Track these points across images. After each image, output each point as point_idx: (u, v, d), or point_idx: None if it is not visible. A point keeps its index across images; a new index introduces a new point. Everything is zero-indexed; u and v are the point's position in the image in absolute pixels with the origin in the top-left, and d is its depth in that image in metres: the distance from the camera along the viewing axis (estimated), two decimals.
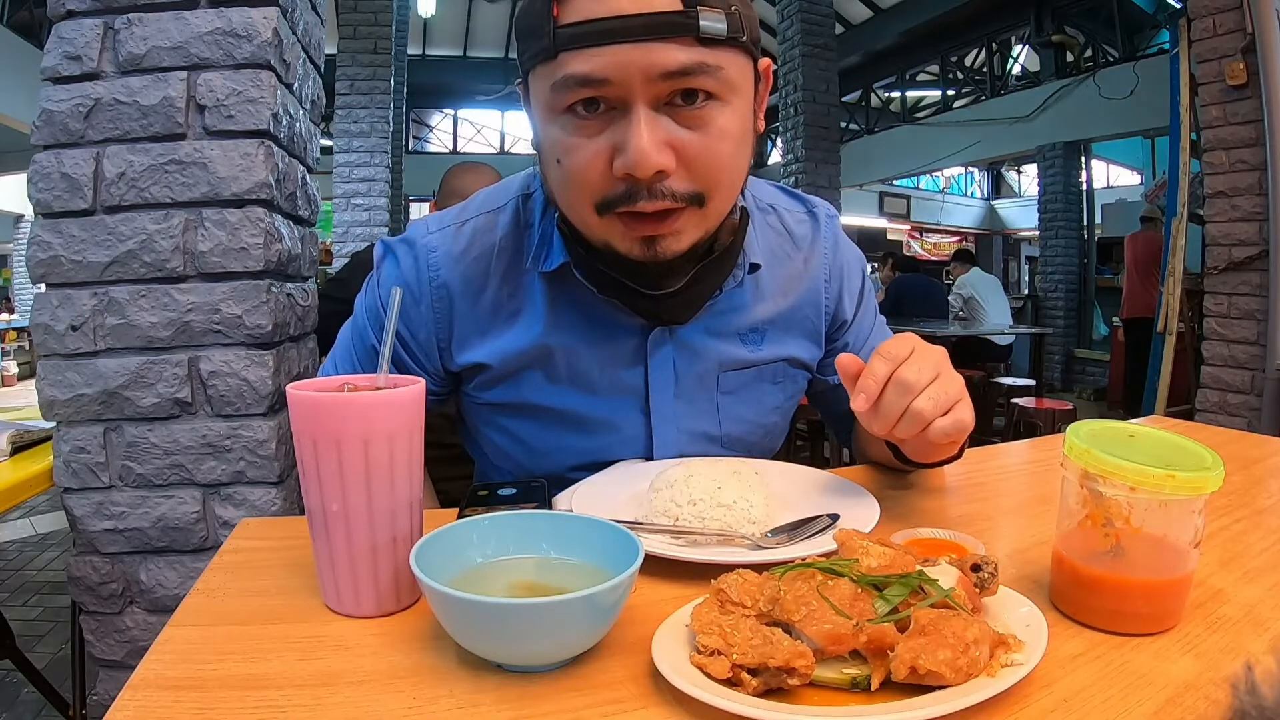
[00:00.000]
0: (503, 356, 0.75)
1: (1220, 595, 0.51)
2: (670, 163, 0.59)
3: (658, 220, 0.61)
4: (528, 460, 0.80)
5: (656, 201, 0.60)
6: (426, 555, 0.45)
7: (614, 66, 0.56)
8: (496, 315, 0.75)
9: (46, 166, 1.09)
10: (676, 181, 0.60)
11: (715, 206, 0.64)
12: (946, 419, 0.57)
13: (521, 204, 0.76)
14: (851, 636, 0.40)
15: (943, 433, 0.57)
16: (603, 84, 0.57)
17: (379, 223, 5.25)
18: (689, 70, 0.57)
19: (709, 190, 0.62)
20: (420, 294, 0.75)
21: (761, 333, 0.79)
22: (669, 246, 0.63)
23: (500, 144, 12.94)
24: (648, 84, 0.57)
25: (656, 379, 0.76)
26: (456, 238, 0.75)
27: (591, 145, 0.60)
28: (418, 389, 0.52)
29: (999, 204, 12.96)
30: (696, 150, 0.59)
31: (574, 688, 0.41)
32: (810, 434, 3.58)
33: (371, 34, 5.29)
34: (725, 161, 0.62)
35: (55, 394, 1.11)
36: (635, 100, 0.57)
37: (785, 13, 5.42)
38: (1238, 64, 2.54)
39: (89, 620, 1.17)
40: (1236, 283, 2.66)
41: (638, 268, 0.65)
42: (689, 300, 0.71)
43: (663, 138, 0.58)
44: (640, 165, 0.57)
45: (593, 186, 0.61)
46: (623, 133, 0.58)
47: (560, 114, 0.60)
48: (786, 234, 0.82)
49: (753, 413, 0.82)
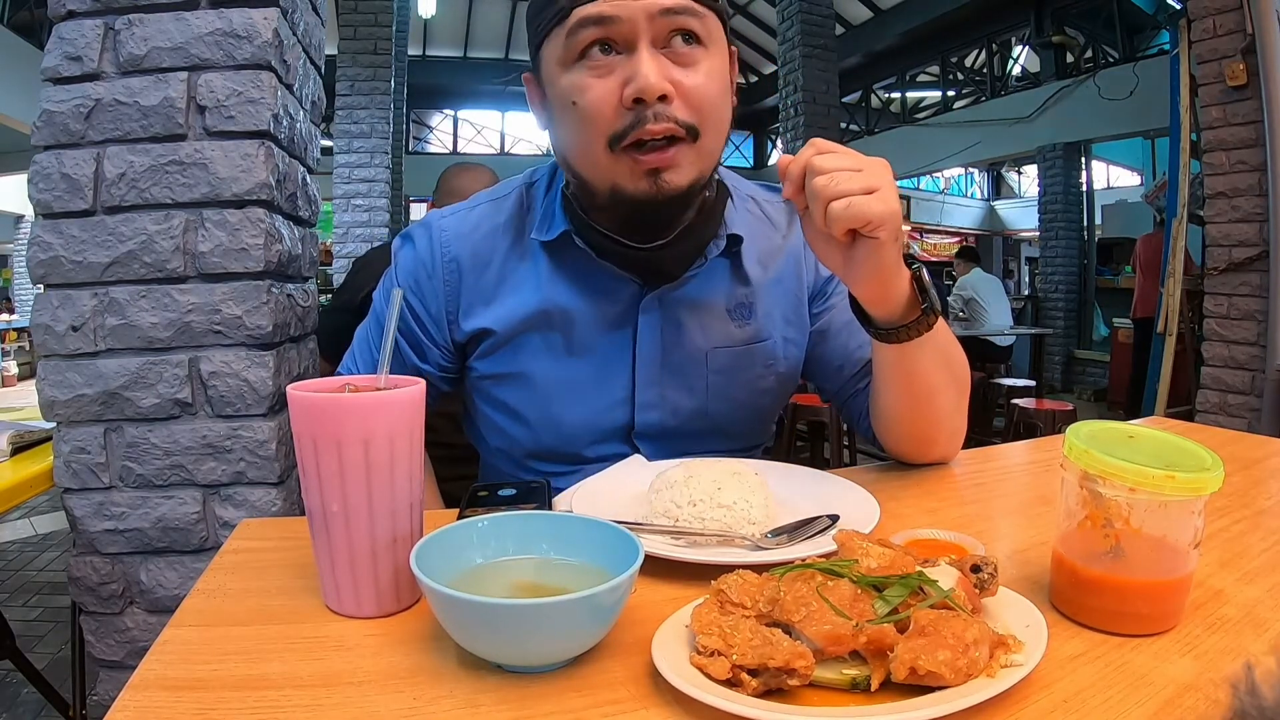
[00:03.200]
0: (505, 321, 0.81)
1: (1220, 596, 0.51)
2: (671, 89, 0.68)
3: (661, 151, 0.69)
4: (524, 436, 0.84)
5: (661, 124, 0.68)
6: (426, 556, 0.45)
7: (620, 6, 0.66)
8: (501, 286, 0.82)
9: (47, 167, 1.09)
10: (677, 109, 0.69)
11: (706, 144, 0.72)
12: (841, 202, 0.60)
13: (525, 191, 0.85)
14: (851, 637, 0.40)
15: (834, 219, 0.61)
16: (612, 22, 0.67)
17: (379, 223, 5.24)
18: (680, 10, 0.67)
19: (702, 124, 0.70)
20: (434, 269, 0.83)
21: (748, 307, 0.84)
22: (671, 180, 0.70)
23: (500, 144, 12.94)
24: (649, 20, 0.67)
25: (644, 339, 0.81)
26: (466, 219, 0.84)
27: (603, 83, 0.68)
28: (418, 390, 0.52)
29: (999, 205, 12.96)
30: (691, 85, 0.69)
31: (574, 688, 0.41)
32: (810, 434, 3.58)
33: (372, 35, 5.29)
34: (715, 99, 0.71)
35: (55, 394, 1.11)
36: (639, 37, 0.67)
37: (785, 13, 5.42)
38: (1238, 65, 2.54)
39: (89, 620, 1.17)
40: (1236, 283, 2.66)
41: (638, 211, 0.72)
42: (678, 255, 0.78)
43: (664, 70, 0.68)
44: (647, 89, 0.66)
45: (606, 119, 0.69)
46: (631, 67, 0.67)
47: (573, 64, 0.70)
48: (766, 219, 0.88)
49: (742, 394, 0.85)
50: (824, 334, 0.88)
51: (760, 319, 0.84)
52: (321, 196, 1.39)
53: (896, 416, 0.79)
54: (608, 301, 0.81)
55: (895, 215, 0.62)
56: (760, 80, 11.86)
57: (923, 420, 0.78)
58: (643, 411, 0.82)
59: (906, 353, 0.71)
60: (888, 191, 0.62)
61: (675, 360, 0.82)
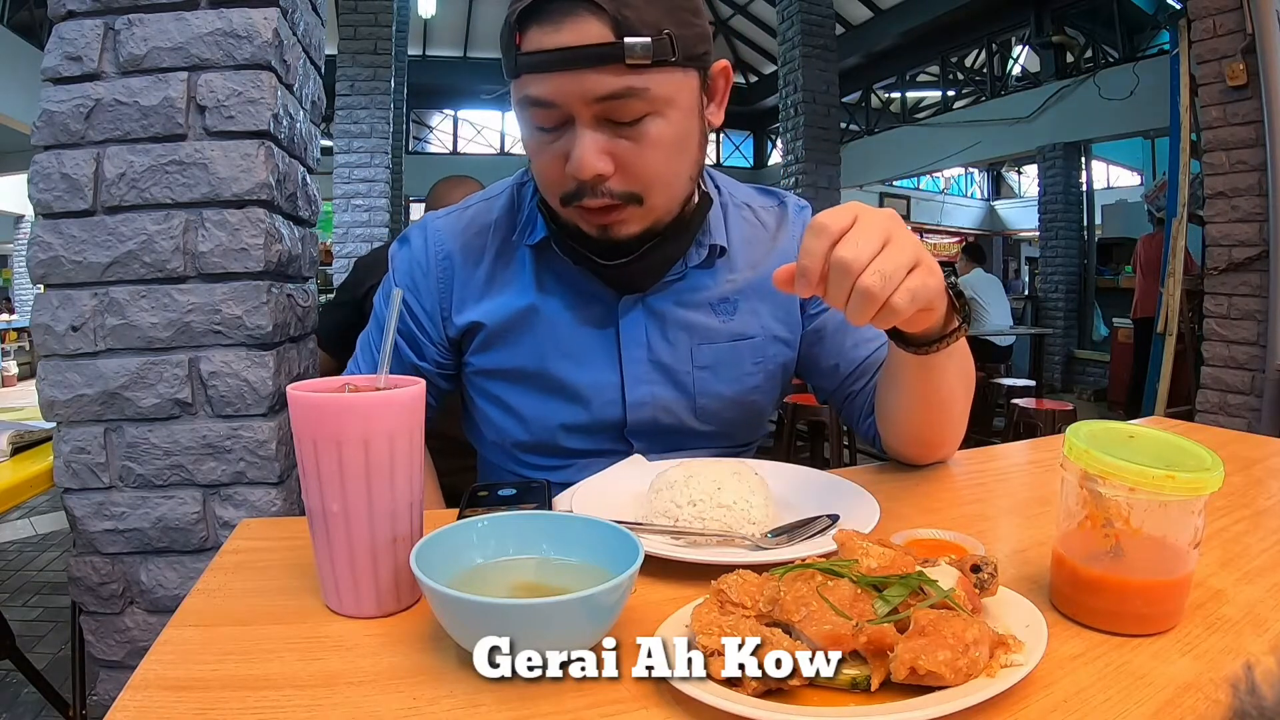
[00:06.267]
0: (495, 316, 0.83)
1: (1220, 596, 0.51)
2: (608, 168, 0.69)
3: (604, 213, 0.72)
4: (520, 431, 0.86)
5: (599, 199, 0.71)
6: (426, 556, 0.45)
7: (558, 92, 0.67)
8: (491, 282, 0.84)
9: (47, 167, 1.09)
10: (615, 183, 0.70)
11: (654, 203, 0.73)
12: (901, 294, 0.54)
13: (516, 191, 0.87)
14: (851, 637, 0.40)
15: (897, 313, 0.54)
16: (551, 105, 0.68)
17: (379, 223, 5.24)
18: (617, 94, 0.66)
19: (645, 191, 0.72)
20: (428, 267, 0.85)
21: (733, 302, 0.85)
22: (619, 231, 0.74)
23: (500, 144, 12.93)
24: (585, 105, 0.67)
25: (628, 339, 0.83)
26: (460, 218, 0.87)
27: (549, 150, 0.71)
28: (418, 390, 0.52)
29: (999, 205, 12.95)
30: (631, 158, 0.70)
31: (574, 688, 0.41)
32: (810, 434, 3.58)
33: (372, 35, 5.28)
34: (659, 167, 0.71)
35: (55, 394, 1.11)
36: (578, 118, 0.68)
37: (785, 14, 5.41)
38: (1238, 65, 2.54)
39: (89, 620, 1.17)
40: (1236, 283, 2.66)
41: (596, 244, 0.76)
42: (645, 270, 0.80)
43: (602, 147, 0.69)
44: (580, 170, 0.68)
45: (555, 183, 0.73)
46: (570, 143, 0.69)
47: (527, 124, 0.72)
48: (759, 224, 0.89)
49: (730, 390, 0.85)
50: (819, 334, 0.88)
51: (745, 315, 0.85)
52: (321, 196, 1.39)
53: (909, 420, 0.78)
54: (590, 304, 0.83)
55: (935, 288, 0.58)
56: (760, 80, 11.85)
57: (937, 424, 0.79)
58: (634, 410, 0.83)
59: (932, 361, 0.71)
60: (919, 251, 0.56)
61: (661, 355, 0.83)
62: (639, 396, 0.83)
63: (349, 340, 0.93)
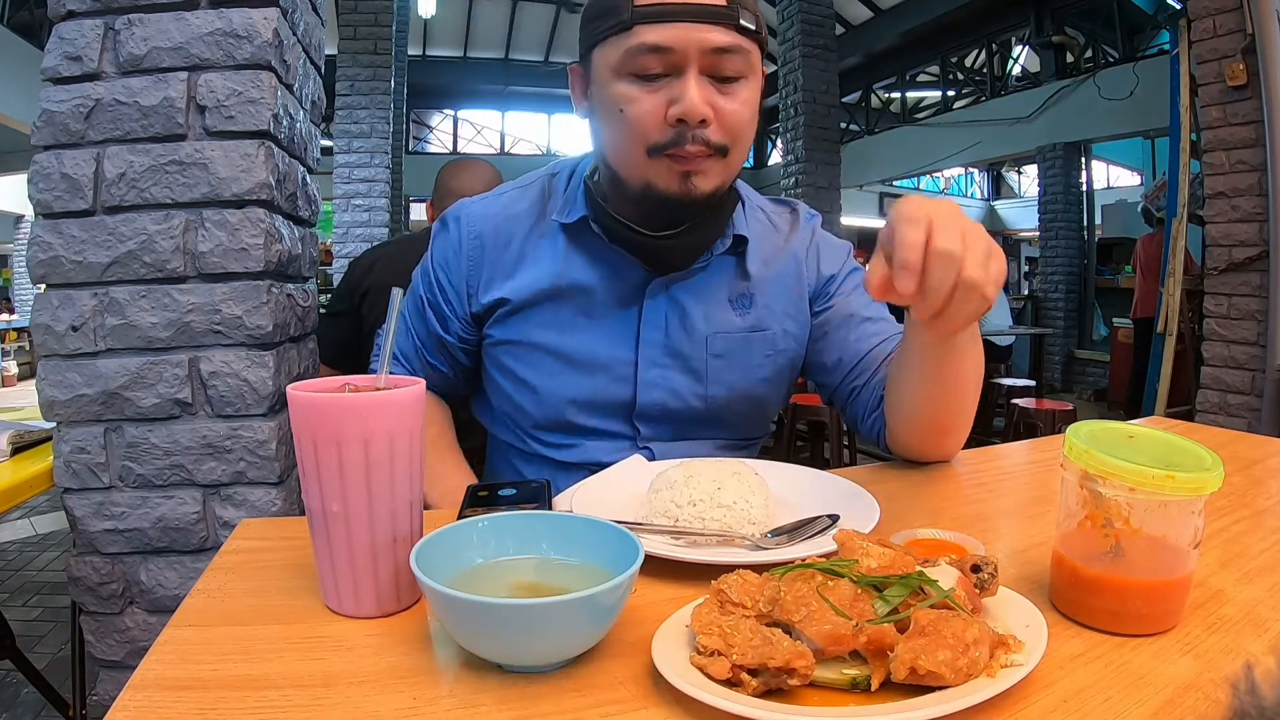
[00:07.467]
0: (520, 292, 0.87)
1: (1220, 596, 0.51)
2: (710, 113, 0.74)
3: (694, 160, 0.76)
4: (532, 403, 0.89)
5: (696, 146, 0.75)
6: (426, 556, 0.45)
7: (677, 39, 0.73)
8: (520, 262, 0.89)
9: (47, 167, 1.09)
10: (712, 132, 0.75)
11: (734, 159, 0.79)
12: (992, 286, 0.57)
13: (548, 180, 0.93)
14: (851, 637, 0.40)
15: (990, 303, 0.57)
16: (668, 51, 0.73)
17: (379, 223, 5.24)
18: (729, 49, 0.74)
19: (733, 144, 0.77)
20: (460, 247, 0.90)
21: (749, 298, 0.89)
22: (699, 184, 0.77)
23: (500, 144, 12.93)
24: (700, 54, 0.73)
25: (648, 321, 0.86)
26: (494, 203, 0.92)
27: (651, 98, 0.75)
28: (418, 389, 0.52)
29: (999, 205, 12.95)
30: (728, 110, 0.76)
31: (574, 688, 0.41)
32: (810, 434, 3.58)
33: (372, 35, 5.28)
34: (745, 126, 0.78)
35: (55, 394, 1.11)
36: (690, 66, 0.73)
37: (785, 13, 5.41)
38: (1238, 65, 2.54)
39: (89, 620, 1.17)
40: (1236, 283, 2.66)
41: (663, 206, 0.79)
42: (686, 246, 0.84)
43: (706, 96, 0.74)
44: (690, 112, 0.73)
45: (649, 131, 0.75)
46: (679, 89, 0.74)
47: (625, 75, 0.75)
48: (773, 227, 0.95)
49: (741, 381, 0.89)
50: (824, 329, 0.92)
51: (760, 310, 0.89)
52: (321, 196, 1.38)
53: (925, 406, 0.79)
54: (617, 283, 0.86)
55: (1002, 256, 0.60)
56: None
57: (953, 409, 0.79)
58: (645, 391, 0.86)
59: (954, 343, 0.72)
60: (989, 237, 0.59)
61: (677, 343, 0.87)
62: (651, 377, 0.86)
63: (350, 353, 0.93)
